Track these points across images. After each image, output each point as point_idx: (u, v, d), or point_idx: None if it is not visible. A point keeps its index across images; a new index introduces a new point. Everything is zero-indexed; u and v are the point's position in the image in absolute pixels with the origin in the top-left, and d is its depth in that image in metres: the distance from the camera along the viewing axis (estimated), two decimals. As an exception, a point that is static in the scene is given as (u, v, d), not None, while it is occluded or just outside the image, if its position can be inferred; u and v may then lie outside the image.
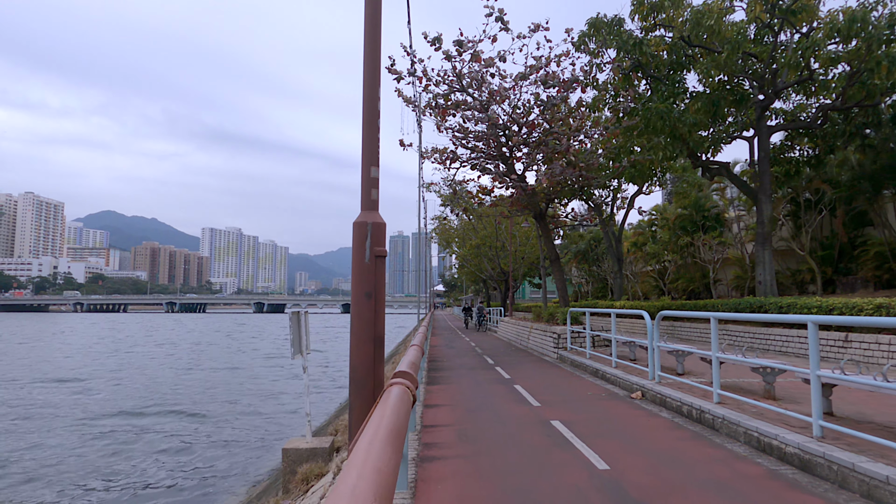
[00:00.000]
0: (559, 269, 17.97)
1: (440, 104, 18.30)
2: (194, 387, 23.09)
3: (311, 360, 8.44)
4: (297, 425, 15.59)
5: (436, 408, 8.36)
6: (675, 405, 7.71)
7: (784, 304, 14.01)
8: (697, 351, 8.36)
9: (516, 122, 16.60)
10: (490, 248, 34.89)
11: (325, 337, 55.67)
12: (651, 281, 42.02)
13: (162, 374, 27.36)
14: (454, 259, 51.52)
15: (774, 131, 17.04)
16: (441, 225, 42.07)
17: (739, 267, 32.12)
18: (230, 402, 19.68)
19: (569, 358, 13.92)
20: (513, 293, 31.98)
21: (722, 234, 32.74)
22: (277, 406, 19.06)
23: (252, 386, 23.51)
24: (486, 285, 48.58)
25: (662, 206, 40.81)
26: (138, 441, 14.30)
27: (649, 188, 27.80)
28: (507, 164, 17.49)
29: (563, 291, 17.89)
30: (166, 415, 17.63)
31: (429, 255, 58.79)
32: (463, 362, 15.02)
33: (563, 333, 15.25)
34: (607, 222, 31.64)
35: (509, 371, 12.77)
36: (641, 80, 17.74)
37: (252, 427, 15.81)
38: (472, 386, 10.63)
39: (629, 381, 9.57)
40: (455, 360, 15.84)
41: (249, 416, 17.37)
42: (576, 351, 14.62)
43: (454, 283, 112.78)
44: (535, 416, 7.59)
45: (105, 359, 34.24)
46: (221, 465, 12.29)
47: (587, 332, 13.01)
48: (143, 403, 19.40)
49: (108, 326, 77.69)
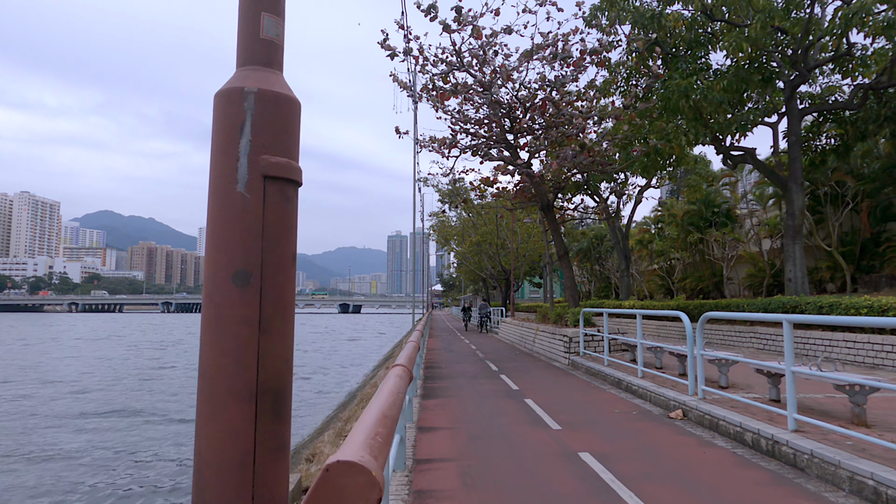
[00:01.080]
0: (568, 266, 16.40)
1: (438, 86, 16.75)
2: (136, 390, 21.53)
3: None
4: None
5: (433, 432, 6.78)
6: (733, 431, 6.13)
7: (824, 303, 12.46)
8: (755, 362, 6.79)
9: (521, 105, 15.01)
10: (490, 244, 33.25)
11: (314, 338, 54.12)
12: (657, 280, 40.50)
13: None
14: (452, 257, 49.89)
15: (806, 113, 15.50)
16: (439, 222, 40.47)
17: (752, 265, 30.60)
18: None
19: (583, 365, 12.35)
20: (514, 293, 30.37)
21: (733, 230, 31.23)
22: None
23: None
24: (486, 284, 46.99)
25: (669, 202, 39.27)
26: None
27: (660, 181, 26.26)
28: (512, 151, 15.91)
29: (572, 290, 16.34)
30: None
31: (426, 253, 57.25)
32: (463, 369, 13.45)
33: (574, 337, 13.68)
34: (614, 218, 30.10)
35: (517, 380, 11.19)
36: (657, 60, 16.19)
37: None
38: (475, 400, 9.05)
39: (663, 395, 8.00)
40: (454, 365, 14.26)
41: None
42: (590, 357, 13.04)
43: (452, 282, 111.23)
44: (556, 446, 6.01)
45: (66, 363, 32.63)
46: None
47: (605, 335, 11.45)
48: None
49: (88, 328, 75.98)
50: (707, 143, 16.09)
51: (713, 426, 6.54)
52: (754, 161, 16.25)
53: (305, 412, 16.89)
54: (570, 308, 16.04)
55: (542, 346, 16.85)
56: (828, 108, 16.28)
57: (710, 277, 34.52)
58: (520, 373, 12.48)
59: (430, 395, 9.62)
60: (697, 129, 14.25)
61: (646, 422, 7.16)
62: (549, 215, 16.51)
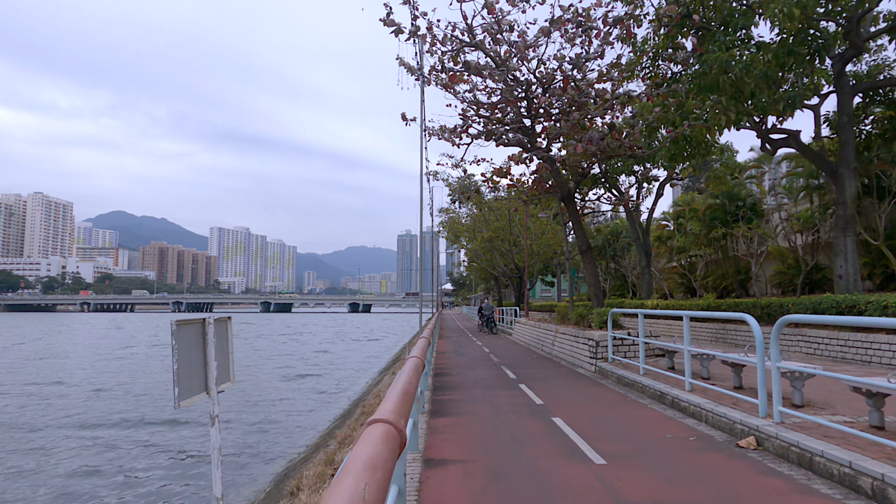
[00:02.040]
0: (591, 262, 14.92)
1: (448, 67, 15.35)
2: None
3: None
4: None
5: (443, 467, 5.37)
6: (838, 472, 4.65)
7: (890, 302, 10.91)
8: (852, 378, 5.30)
9: (539, 83, 13.56)
10: (503, 241, 31.74)
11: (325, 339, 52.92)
12: (676, 278, 38.82)
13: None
14: (463, 255, 48.46)
15: (858, 90, 13.89)
16: (449, 218, 39.03)
17: (781, 261, 28.89)
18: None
19: (613, 373, 10.88)
20: (528, 291, 28.88)
21: (758, 225, 29.55)
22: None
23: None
24: (498, 283, 45.51)
25: (690, 196, 37.56)
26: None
27: (684, 171, 24.66)
28: (529, 136, 14.47)
29: (596, 288, 14.86)
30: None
31: (436, 250, 55.83)
32: (477, 377, 12.03)
33: (602, 341, 12.21)
34: (633, 212, 28.54)
35: (539, 391, 9.76)
36: (688, 36, 14.66)
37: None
38: (493, 419, 7.63)
39: (725, 416, 6.53)
40: (467, 372, 12.85)
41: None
42: (620, 363, 11.58)
43: (463, 281, 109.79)
44: (604, 492, 4.57)
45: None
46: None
47: (640, 339, 9.97)
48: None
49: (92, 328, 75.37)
50: (746, 126, 14.53)
51: (805, 462, 5.07)
52: (798, 145, 14.68)
53: (301, 423, 15.56)
54: (595, 308, 14.56)
55: (562, 350, 15.39)
56: (881, 84, 14.64)
57: (735, 275, 32.82)
58: (541, 382, 11.04)
59: (439, 411, 8.21)
60: (738, 108, 12.71)
61: (711, 452, 5.70)
62: (570, 206, 15.03)
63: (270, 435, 14.09)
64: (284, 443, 13.34)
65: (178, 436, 14.14)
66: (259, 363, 30.40)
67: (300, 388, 21.78)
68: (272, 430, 14.53)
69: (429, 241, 35.89)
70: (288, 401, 18.96)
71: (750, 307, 15.91)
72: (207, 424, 13.59)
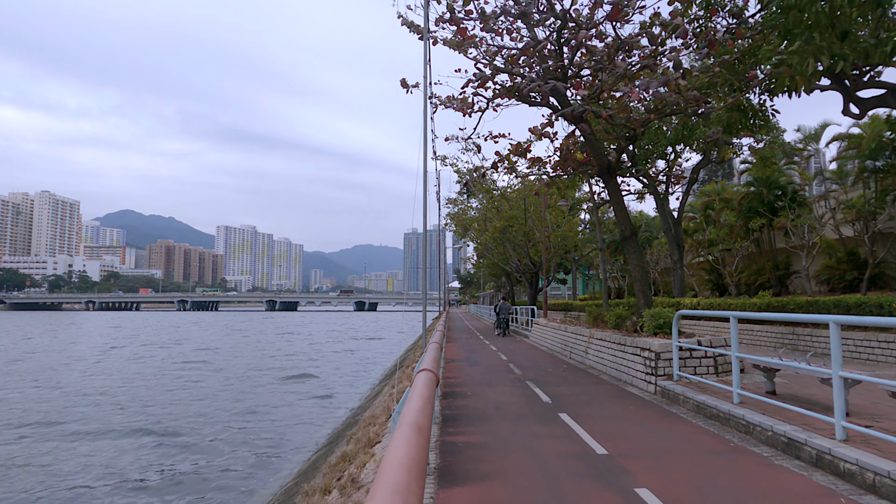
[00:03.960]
0: (637, 250, 12.01)
1: (458, 18, 12.52)
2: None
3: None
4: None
5: None
6: None
7: None
8: None
9: (575, 24, 10.66)
10: (517, 231, 28.74)
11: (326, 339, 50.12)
12: (703, 274, 35.79)
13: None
14: (471, 251, 45.48)
15: None
16: (458, 210, 36.09)
17: (828, 255, 25.83)
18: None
19: (687, 398, 7.97)
20: (546, 288, 25.98)
21: (800, 215, 26.50)
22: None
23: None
24: (510, 279, 42.51)
25: (720, 185, 34.55)
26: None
27: (724, 153, 21.52)
28: (559, 96, 11.58)
29: (643, 283, 11.95)
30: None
31: (442, 245, 52.94)
32: (500, 399, 9.16)
33: (663, 352, 9.29)
34: (663, 201, 25.57)
35: (593, 427, 6.88)
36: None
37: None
38: (540, 489, 4.76)
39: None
40: (485, 390, 9.99)
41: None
42: (691, 383, 8.67)
43: (470, 279, 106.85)
44: None
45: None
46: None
47: (733, 354, 7.04)
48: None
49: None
50: (828, 83, 11.57)
51: None
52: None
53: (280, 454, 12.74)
54: (644, 308, 11.66)
55: (600, 361, 12.49)
56: None
57: (772, 270, 29.76)
58: (588, 409, 8.16)
59: (453, 472, 5.33)
60: (833, 47, 9.75)
61: None
62: (609, 183, 12.12)
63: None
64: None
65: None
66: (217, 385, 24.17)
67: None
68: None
69: (439, 242, 33.02)
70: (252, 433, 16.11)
71: (831, 307, 12.94)
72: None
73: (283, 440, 13.76)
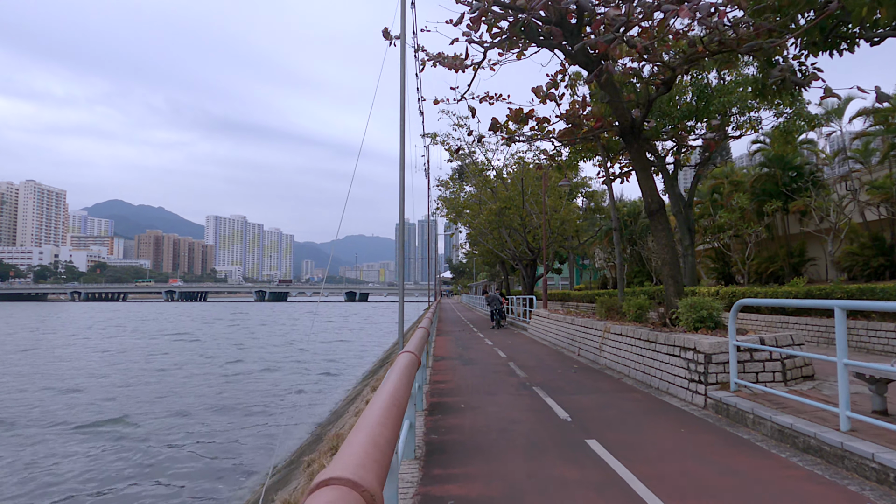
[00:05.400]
0: (665, 228, 9.90)
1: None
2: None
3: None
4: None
5: None
6: None
7: None
8: None
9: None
10: (515, 213, 26.49)
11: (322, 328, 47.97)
12: (708, 262, 33.82)
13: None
14: (464, 237, 43.27)
15: None
16: (450, 194, 33.83)
17: (850, 240, 23.89)
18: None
19: (758, 418, 5.85)
20: (545, 277, 23.87)
21: (814, 198, 24.54)
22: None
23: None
24: (505, 268, 40.39)
25: (729, 167, 32.54)
26: None
27: (752, 124, 19.42)
28: (573, 36, 9.40)
29: (673, 266, 9.84)
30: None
31: (433, 233, 50.82)
32: (503, 416, 7.03)
33: (715, 353, 7.17)
34: (672, 180, 23.47)
35: (644, 469, 4.75)
36: None
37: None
38: None
39: None
40: (484, 403, 7.86)
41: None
42: (754, 395, 6.57)
43: (462, 268, 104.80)
44: None
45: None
46: None
47: (839, 360, 4.95)
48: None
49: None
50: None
51: None
52: None
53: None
54: (672, 297, 9.55)
55: (619, 360, 10.41)
56: None
57: (786, 257, 27.83)
58: (622, 431, 6.05)
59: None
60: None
61: None
62: (632, 146, 9.97)
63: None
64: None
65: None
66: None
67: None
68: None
69: (423, 215, 30.84)
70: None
71: (893, 293, 10.90)
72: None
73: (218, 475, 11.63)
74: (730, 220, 28.00)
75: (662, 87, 9.02)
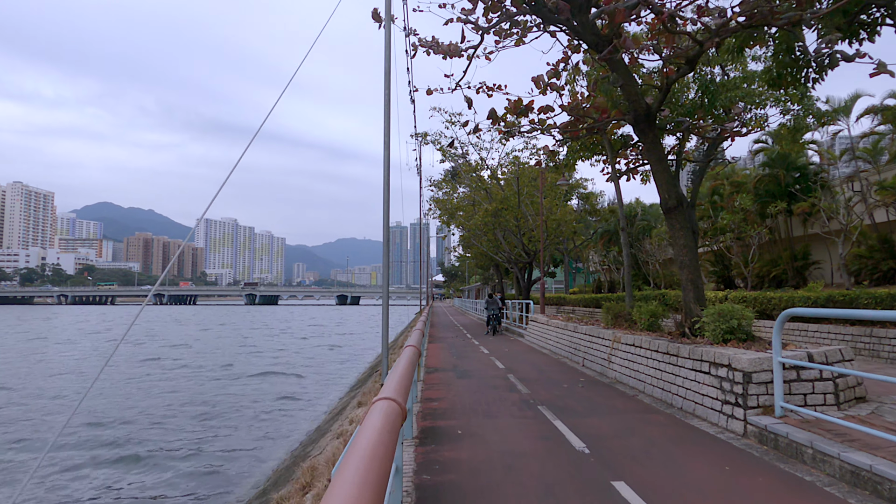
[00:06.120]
0: (685, 226, 8.88)
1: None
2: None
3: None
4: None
5: None
6: None
7: None
8: None
9: None
10: (511, 214, 25.38)
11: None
12: (706, 265, 32.93)
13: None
14: (457, 239, 42.13)
15: None
16: (443, 195, 32.74)
17: (857, 243, 23.02)
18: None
19: (826, 455, 4.80)
20: (543, 281, 22.82)
21: (821, 198, 23.69)
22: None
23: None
24: (499, 271, 39.32)
25: (729, 168, 31.70)
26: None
27: (759, 121, 18.51)
28: (580, 16, 8.38)
29: (693, 269, 8.80)
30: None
31: (425, 235, 49.73)
32: (508, 448, 5.93)
33: (756, 371, 6.11)
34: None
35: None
36: None
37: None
38: None
39: None
40: (484, 429, 6.77)
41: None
42: (805, 422, 5.51)
43: (455, 271, 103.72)
44: None
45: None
46: None
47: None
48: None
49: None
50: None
51: None
52: None
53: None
54: (695, 303, 8.51)
55: (633, 375, 9.35)
56: None
57: (789, 261, 26.96)
58: (652, 466, 4.99)
59: None
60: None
61: None
62: (648, 136, 8.95)
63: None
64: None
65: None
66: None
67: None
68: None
69: (414, 218, 29.72)
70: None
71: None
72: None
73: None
74: (732, 222, 27.09)
75: (686, 65, 8.00)
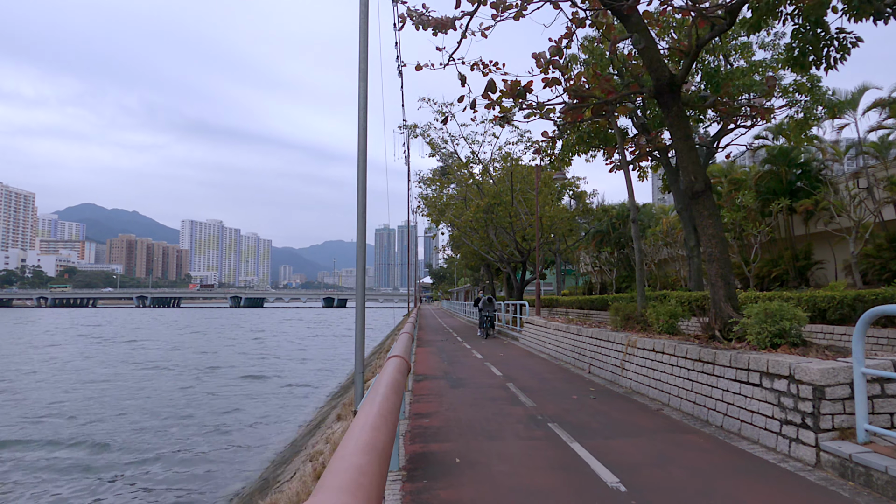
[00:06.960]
0: (713, 213, 7.71)
1: None
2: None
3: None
4: None
5: None
6: None
7: None
8: None
9: None
10: (504, 211, 24.13)
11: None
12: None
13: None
14: (446, 239, 40.90)
15: None
16: (431, 193, 31.48)
17: (865, 241, 22.07)
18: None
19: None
20: (538, 282, 21.63)
21: (830, 194, 22.76)
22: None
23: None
24: (490, 271, 38.08)
25: (728, 165, 30.78)
26: None
27: (768, 112, 17.46)
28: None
29: (723, 263, 7.60)
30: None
31: (413, 236, 48.43)
32: (517, 483, 4.63)
33: (830, 386, 4.91)
34: (676, 175, 21.47)
35: None
36: None
37: None
38: None
39: None
40: (486, 456, 5.48)
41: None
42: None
43: (443, 273, 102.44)
44: None
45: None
46: None
47: None
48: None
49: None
50: None
51: None
52: None
53: None
54: (726, 303, 7.32)
55: (652, 384, 8.12)
56: None
57: (791, 261, 26.02)
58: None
59: None
60: None
61: None
62: (671, 109, 7.75)
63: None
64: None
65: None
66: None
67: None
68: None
69: (402, 220, 28.44)
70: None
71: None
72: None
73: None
74: (733, 220, 26.13)
75: (727, 17, 6.78)
